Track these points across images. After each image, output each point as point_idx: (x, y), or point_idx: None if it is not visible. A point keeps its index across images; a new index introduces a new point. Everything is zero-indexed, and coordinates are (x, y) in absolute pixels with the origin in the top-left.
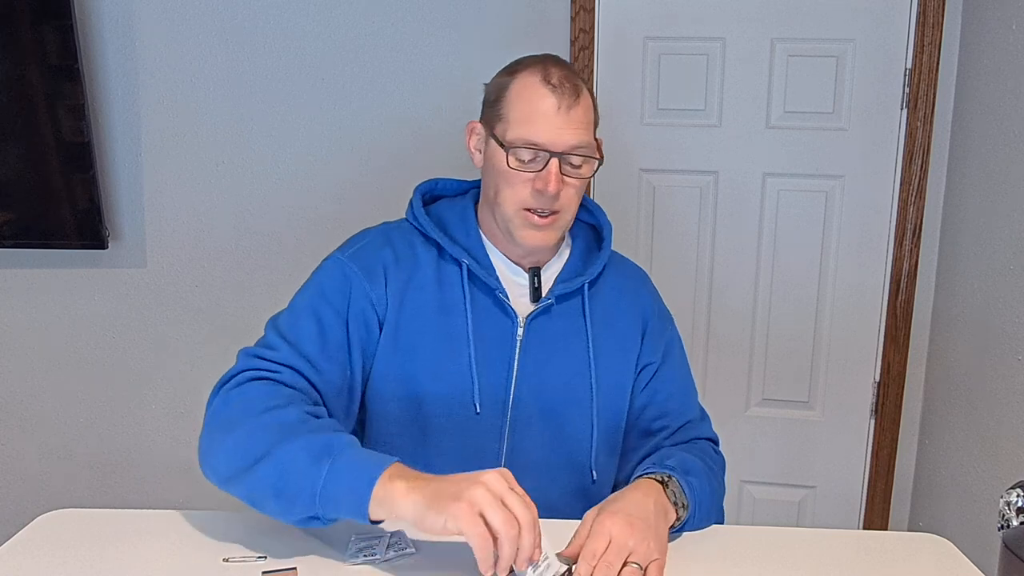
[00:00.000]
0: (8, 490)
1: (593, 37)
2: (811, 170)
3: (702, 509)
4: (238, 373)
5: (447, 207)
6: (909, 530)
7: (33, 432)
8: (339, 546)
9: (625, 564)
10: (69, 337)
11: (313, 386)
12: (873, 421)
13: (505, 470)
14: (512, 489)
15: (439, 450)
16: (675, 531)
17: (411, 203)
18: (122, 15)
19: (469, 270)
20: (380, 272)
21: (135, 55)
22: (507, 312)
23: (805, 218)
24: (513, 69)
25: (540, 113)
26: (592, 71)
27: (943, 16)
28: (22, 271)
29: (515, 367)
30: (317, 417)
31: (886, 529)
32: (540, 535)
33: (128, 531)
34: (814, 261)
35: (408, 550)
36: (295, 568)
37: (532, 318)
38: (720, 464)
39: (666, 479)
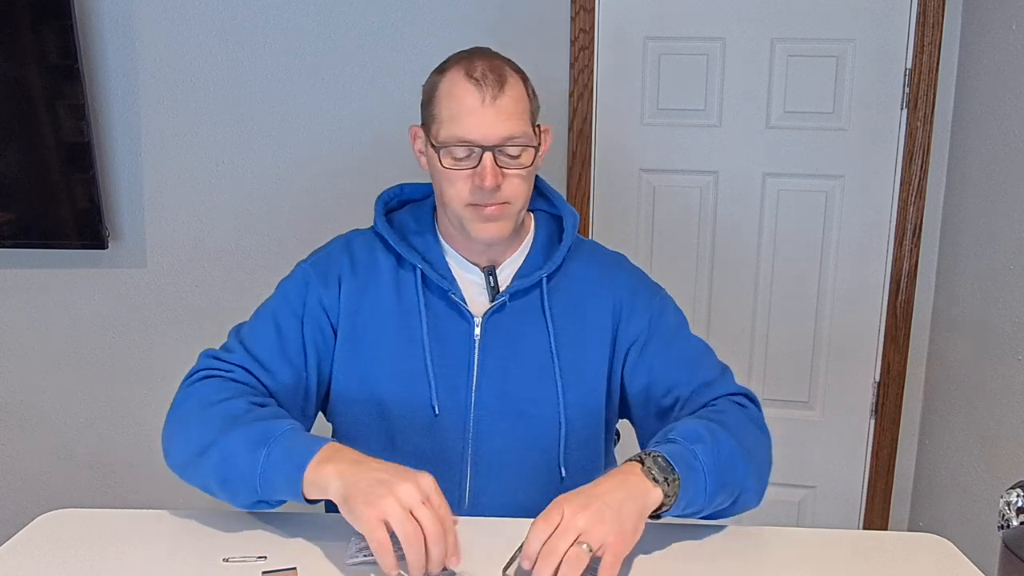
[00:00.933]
0: (8, 490)
1: (593, 37)
2: (811, 170)
3: (712, 473)
4: (195, 372)
5: (409, 212)
6: (909, 530)
7: (33, 432)
8: (339, 546)
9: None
10: (69, 337)
11: (264, 386)
12: (873, 421)
13: (427, 478)
14: (425, 501)
15: (405, 453)
16: (691, 510)
17: (374, 211)
18: (122, 15)
19: (423, 273)
20: (335, 278)
21: (135, 55)
22: (462, 313)
23: (805, 218)
24: (442, 67)
25: (466, 109)
26: (592, 71)
27: (943, 16)
28: (22, 271)
29: (475, 368)
30: (262, 406)
31: (886, 529)
32: (454, 550)
33: (128, 531)
34: (814, 261)
35: None
36: (295, 568)
37: (488, 317)
38: (749, 417)
39: (643, 456)
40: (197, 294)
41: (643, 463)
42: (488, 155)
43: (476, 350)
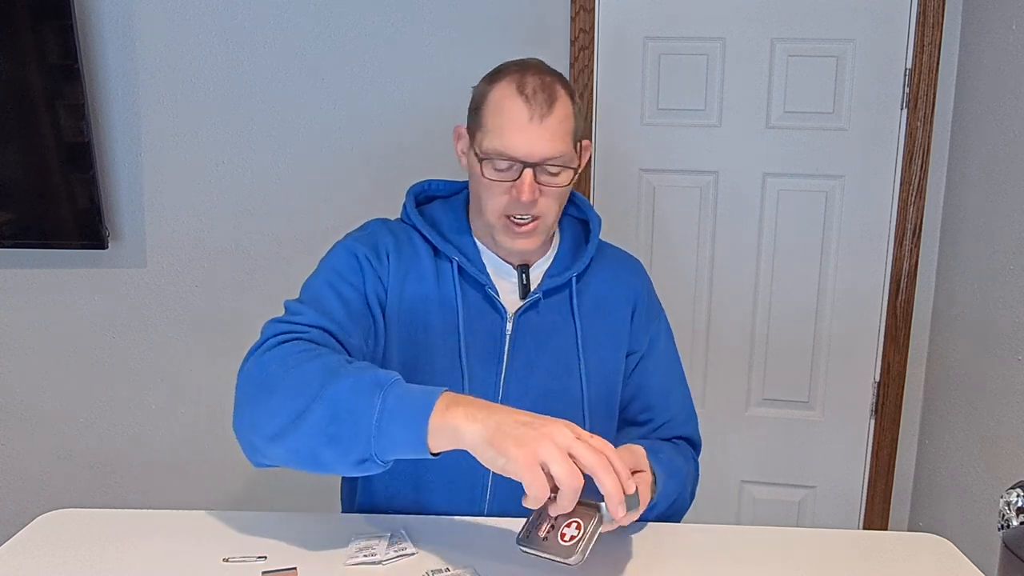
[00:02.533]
0: (8, 490)
1: (593, 37)
2: (811, 170)
3: (672, 513)
4: (268, 339)
5: (440, 207)
6: (909, 530)
7: (33, 432)
8: (339, 546)
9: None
10: (69, 337)
11: (343, 345)
12: (873, 421)
13: (571, 423)
14: (579, 438)
15: None
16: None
17: (404, 204)
18: (122, 15)
19: (460, 267)
20: (384, 254)
21: (135, 55)
22: (496, 308)
23: (805, 218)
24: (493, 77)
25: (513, 124)
26: (592, 71)
27: (943, 16)
28: (22, 271)
29: (504, 362)
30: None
31: (886, 529)
32: (627, 476)
33: (128, 531)
34: (814, 261)
35: (408, 550)
36: (295, 568)
37: (520, 314)
38: (694, 471)
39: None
40: (197, 294)
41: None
42: (528, 171)
43: (507, 345)
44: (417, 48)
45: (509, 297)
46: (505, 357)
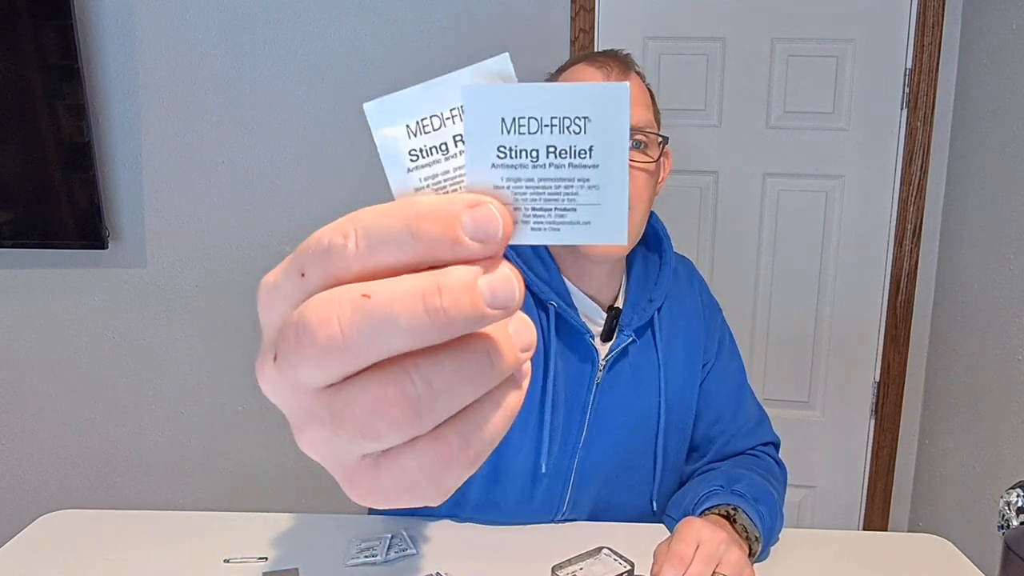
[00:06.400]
0: (8, 490)
1: (593, 37)
2: (811, 170)
3: (771, 537)
4: None
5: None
6: (909, 530)
7: (33, 432)
8: (339, 547)
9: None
10: (69, 337)
11: None
12: (873, 421)
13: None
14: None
15: (502, 507)
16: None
17: None
18: (122, 15)
19: (558, 314)
20: None
21: (135, 55)
22: (591, 357)
23: (805, 218)
24: (570, 62)
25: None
26: None
27: (943, 16)
28: (22, 271)
29: (588, 414)
30: None
31: (886, 529)
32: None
33: (128, 531)
34: (814, 261)
35: (408, 551)
36: (296, 568)
37: (612, 360)
38: (782, 477)
39: (732, 513)
40: (197, 294)
41: (732, 520)
42: None
43: (593, 395)
44: (417, 48)
45: (597, 343)
46: (590, 408)
